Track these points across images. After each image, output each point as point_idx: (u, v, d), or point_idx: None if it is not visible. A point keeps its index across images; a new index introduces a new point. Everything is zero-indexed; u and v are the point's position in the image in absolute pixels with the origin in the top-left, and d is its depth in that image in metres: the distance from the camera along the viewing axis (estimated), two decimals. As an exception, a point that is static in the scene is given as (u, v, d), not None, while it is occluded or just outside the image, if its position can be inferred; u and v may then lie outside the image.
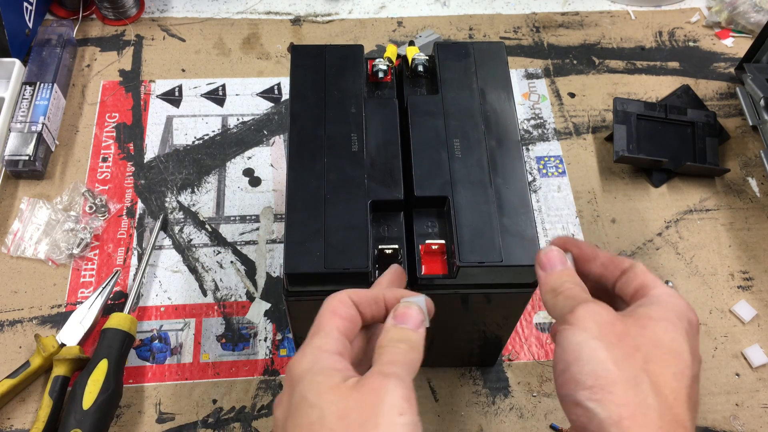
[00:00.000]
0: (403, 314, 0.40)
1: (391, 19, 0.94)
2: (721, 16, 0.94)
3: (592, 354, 0.35)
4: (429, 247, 0.50)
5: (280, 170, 0.80)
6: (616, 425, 0.33)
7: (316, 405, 0.35)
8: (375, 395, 0.35)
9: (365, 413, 0.34)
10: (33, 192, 0.76)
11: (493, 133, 0.55)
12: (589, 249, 0.44)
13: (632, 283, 0.41)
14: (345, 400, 0.35)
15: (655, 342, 0.36)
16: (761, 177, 0.81)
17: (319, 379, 0.36)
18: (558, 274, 0.42)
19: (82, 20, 0.91)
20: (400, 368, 0.37)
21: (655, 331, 0.37)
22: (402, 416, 0.35)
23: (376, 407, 0.34)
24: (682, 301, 0.39)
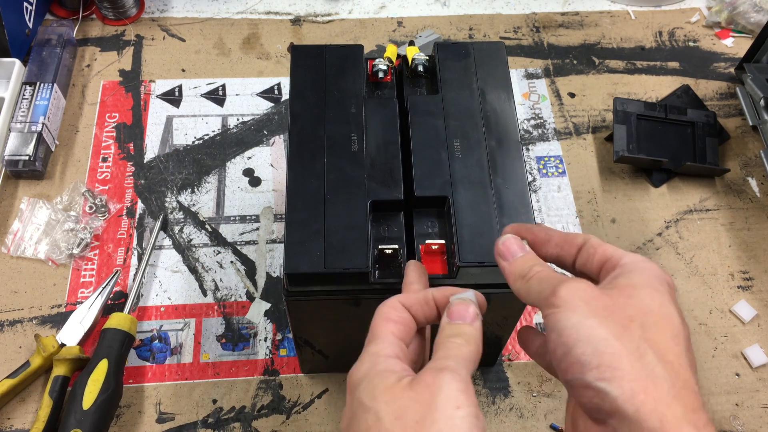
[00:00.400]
0: (456, 311, 0.40)
1: (391, 19, 0.94)
2: (721, 16, 0.94)
3: (591, 333, 0.34)
4: (429, 247, 0.50)
5: (280, 170, 0.80)
6: (630, 401, 0.33)
7: (371, 408, 0.35)
8: (429, 391, 0.35)
9: (421, 410, 0.34)
10: (33, 192, 0.76)
11: (493, 133, 0.55)
12: (542, 232, 0.43)
13: (594, 258, 0.40)
14: (399, 399, 0.35)
15: (646, 310, 0.36)
16: (761, 177, 0.81)
17: (375, 382, 0.36)
18: (521, 260, 0.42)
19: (82, 20, 0.91)
20: (454, 361, 0.37)
21: (642, 299, 0.36)
22: (459, 409, 0.34)
23: (432, 403, 0.34)
24: (656, 266, 0.39)
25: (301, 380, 0.66)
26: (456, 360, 0.37)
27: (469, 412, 0.34)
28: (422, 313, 0.42)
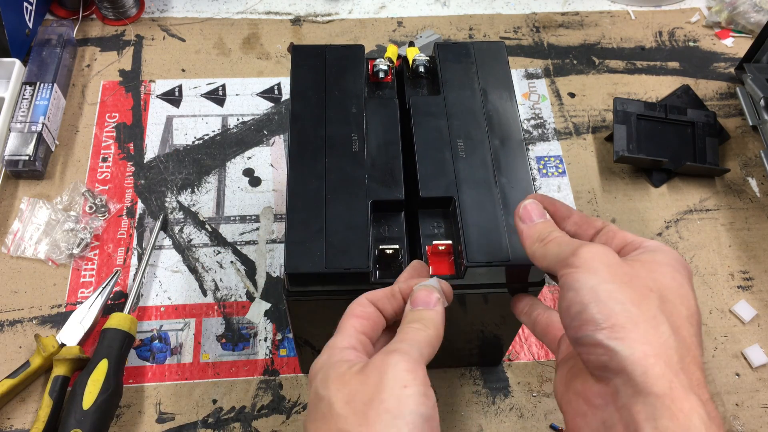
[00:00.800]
0: (418, 297, 0.41)
1: (391, 19, 0.94)
2: (721, 16, 0.94)
3: (610, 295, 0.35)
4: (436, 248, 0.50)
5: (280, 170, 0.80)
6: (639, 362, 0.33)
7: (324, 396, 0.36)
8: (378, 372, 0.35)
9: (369, 392, 0.35)
10: (33, 192, 0.76)
11: (496, 132, 0.55)
12: (564, 208, 0.44)
13: (613, 240, 0.41)
14: (350, 384, 0.35)
15: (665, 286, 0.36)
16: (761, 177, 0.81)
17: (329, 373, 0.37)
18: (541, 225, 0.42)
19: (82, 20, 0.91)
20: (407, 344, 0.37)
21: (663, 275, 0.37)
22: (407, 388, 0.35)
23: (380, 383, 0.35)
24: (677, 253, 0.40)
25: (301, 380, 0.66)
26: (409, 343, 0.38)
27: (416, 391, 0.35)
28: (390, 306, 0.42)
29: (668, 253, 0.39)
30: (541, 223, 0.43)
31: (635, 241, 0.40)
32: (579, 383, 0.37)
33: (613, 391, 0.34)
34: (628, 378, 0.33)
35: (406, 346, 0.37)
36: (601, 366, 0.35)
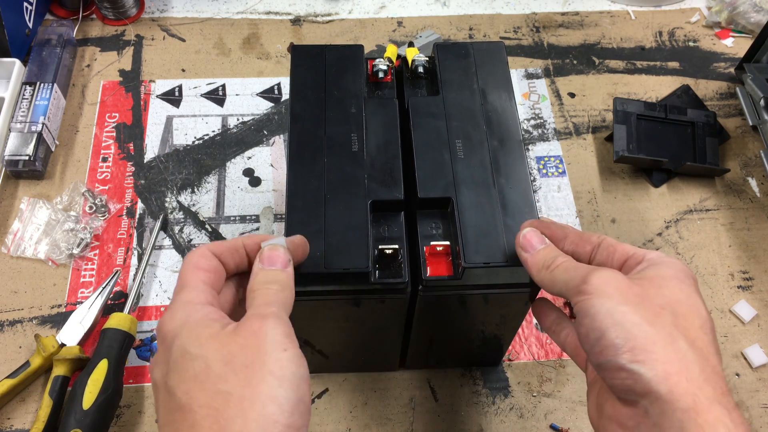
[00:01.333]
0: (268, 257, 0.41)
1: (391, 19, 0.94)
2: (721, 16, 0.94)
3: (625, 318, 0.36)
4: (434, 249, 0.50)
5: (280, 170, 0.80)
6: (664, 382, 0.34)
7: (199, 355, 0.35)
8: (256, 336, 0.36)
9: (250, 354, 0.35)
10: (33, 192, 0.76)
11: (494, 133, 0.55)
12: (558, 229, 0.45)
13: (614, 255, 0.42)
14: (227, 345, 0.35)
15: (675, 300, 0.37)
16: (761, 177, 0.81)
17: (198, 331, 0.36)
18: (543, 251, 0.43)
19: (82, 20, 0.91)
20: (276, 307, 0.38)
21: (671, 289, 0.38)
22: (286, 351, 0.36)
23: (260, 347, 0.35)
24: (680, 262, 0.40)
25: (301, 380, 0.66)
26: (278, 306, 0.38)
27: (294, 353, 0.36)
28: (232, 260, 0.42)
29: (672, 265, 0.39)
30: (543, 250, 0.43)
31: (637, 255, 0.41)
32: (609, 407, 0.38)
33: (643, 412, 0.35)
34: (655, 398, 0.34)
35: (277, 310, 0.38)
36: (626, 389, 0.35)
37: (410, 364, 0.66)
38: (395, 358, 0.64)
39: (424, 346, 0.62)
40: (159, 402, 0.37)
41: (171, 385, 0.35)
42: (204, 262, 0.41)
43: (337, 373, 0.66)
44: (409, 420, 0.64)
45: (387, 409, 0.65)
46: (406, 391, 0.66)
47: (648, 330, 0.35)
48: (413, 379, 0.66)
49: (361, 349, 0.62)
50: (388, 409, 0.65)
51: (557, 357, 0.68)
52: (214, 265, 0.41)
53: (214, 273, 0.41)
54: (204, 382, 0.34)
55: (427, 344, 0.62)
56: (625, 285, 0.37)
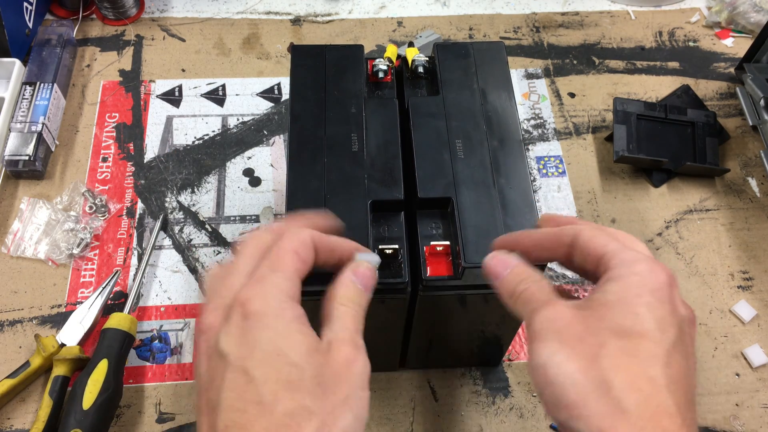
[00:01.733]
0: (364, 274, 0.40)
1: (391, 19, 0.94)
2: (721, 16, 0.94)
3: (559, 370, 0.33)
4: (434, 249, 0.50)
5: (280, 170, 0.80)
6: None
7: (297, 364, 0.34)
8: (348, 368, 0.35)
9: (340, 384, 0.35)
10: (33, 192, 0.76)
11: (494, 133, 0.55)
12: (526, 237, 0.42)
13: (588, 258, 0.38)
14: (322, 365, 0.35)
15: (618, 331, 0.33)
16: (761, 177, 0.81)
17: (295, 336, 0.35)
18: (509, 277, 0.40)
19: (82, 20, 0.91)
20: (362, 339, 0.37)
21: (614, 319, 0.34)
22: (364, 391, 0.35)
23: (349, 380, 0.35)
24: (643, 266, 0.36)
25: (301, 380, 0.66)
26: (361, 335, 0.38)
27: (368, 395, 0.35)
28: (323, 257, 0.41)
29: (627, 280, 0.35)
30: (507, 276, 0.40)
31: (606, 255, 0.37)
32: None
33: None
34: None
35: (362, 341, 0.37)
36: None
37: (410, 364, 0.66)
38: (395, 358, 0.64)
39: (424, 346, 0.62)
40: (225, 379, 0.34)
41: (255, 376, 0.34)
42: (304, 251, 0.39)
43: (337, 373, 0.66)
44: (409, 420, 0.64)
45: (387, 409, 0.65)
46: (406, 391, 0.66)
47: (580, 381, 0.32)
48: (413, 379, 0.66)
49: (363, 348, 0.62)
50: (388, 409, 0.65)
51: (557, 357, 0.68)
52: (311, 257, 0.39)
53: (306, 266, 0.39)
54: (294, 392, 0.33)
55: (427, 344, 0.62)
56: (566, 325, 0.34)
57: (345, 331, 0.37)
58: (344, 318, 0.38)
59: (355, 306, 0.39)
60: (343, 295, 0.39)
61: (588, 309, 0.35)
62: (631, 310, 0.34)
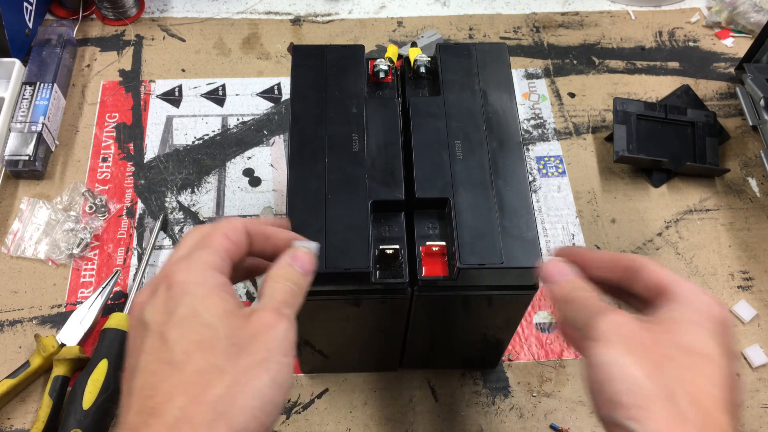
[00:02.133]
0: (302, 258, 0.42)
1: (391, 19, 0.94)
2: (721, 16, 0.94)
3: (624, 371, 0.34)
4: (429, 249, 0.50)
5: (280, 170, 0.80)
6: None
7: (210, 324, 0.35)
8: (268, 331, 0.36)
9: (257, 346, 0.35)
10: (33, 192, 0.76)
11: (494, 134, 0.55)
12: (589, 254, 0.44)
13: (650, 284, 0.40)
14: (239, 327, 0.36)
15: (685, 348, 0.35)
16: (761, 177, 0.81)
17: (214, 300, 0.36)
18: (565, 283, 0.42)
19: (82, 20, 0.91)
20: (290, 310, 0.38)
21: (682, 336, 0.36)
22: (287, 357, 0.36)
23: (268, 343, 0.35)
24: (706, 298, 0.38)
25: (301, 380, 0.66)
26: (291, 309, 0.38)
27: (292, 362, 0.36)
28: (259, 245, 0.42)
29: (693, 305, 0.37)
30: (565, 281, 0.42)
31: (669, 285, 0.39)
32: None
33: None
34: None
35: (290, 313, 0.38)
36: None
37: (410, 364, 0.66)
38: (395, 358, 0.64)
39: (422, 346, 0.62)
40: (144, 344, 0.36)
41: (170, 338, 0.35)
42: (235, 234, 0.40)
43: (337, 373, 0.66)
44: (409, 420, 0.64)
45: (387, 409, 0.65)
46: (406, 391, 0.66)
47: (647, 385, 0.34)
48: (413, 379, 0.66)
49: (362, 349, 0.62)
50: (388, 409, 0.65)
51: (557, 357, 0.68)
52: (243, 241, 0.41)
53: (238, 248, 0.40)
54: (206, 351, 0.34)
55: (424, 344, 0.62)
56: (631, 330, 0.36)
57: (271, 301, 0.38)
58: (274, 292, 0.39)
59: (288, 283, 0.40)
60: (276, 273, 0.40)
61: (655, 323, 0.37)
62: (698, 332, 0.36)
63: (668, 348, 0.35)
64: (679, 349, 0.35)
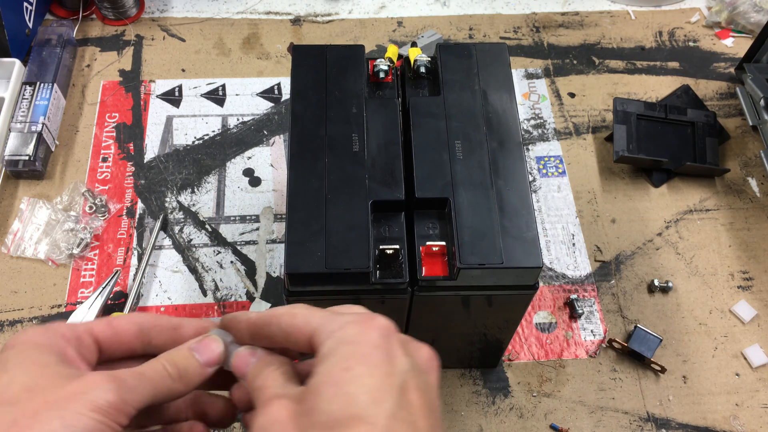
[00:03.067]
0: (209, 347, 0.34)
1: (391, 19, 0.94)
2: (721, 16, 0.94)
3: None
4: (429, 249, 0.50)
5: (280, 170, 0.80)
6: None
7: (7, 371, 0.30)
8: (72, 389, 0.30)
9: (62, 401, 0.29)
10: (33, 192, 0.76)
11: (494, 134, 0.55)
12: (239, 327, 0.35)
13: (299, 342, 0.33)
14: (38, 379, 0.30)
15: (328, 423, 0.29)
16: (761, 177, 0.81)
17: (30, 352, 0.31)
18: (251, 372, 0.34)
19: (82, 20, 0.91)
20: (138, 396, 0.31)
21: (323, 409, 0.29)
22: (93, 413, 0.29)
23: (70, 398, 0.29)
24: (352, 329, 0.31)
25: (301, 380, 0.66)
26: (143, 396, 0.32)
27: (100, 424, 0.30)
28: (162, 338, 0.35)
29: (339, 353, 0.30)
30: (249, 374, 0.34)
31: (316, 333, 0.32)
32: None
33: None
34: None
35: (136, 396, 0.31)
36: None
37: (410, 364, 0.65)
38: (395, 358, 0.64)
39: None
40: None
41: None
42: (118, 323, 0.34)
43: (338, 373, 0.66)
44: (410, 420, 0.64)
45: (387, 409, 0.64)
46: (407, 391, 0.66)
47: None
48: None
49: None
50: (388, 409, 0.64)
51: (557, 357, 0.68)
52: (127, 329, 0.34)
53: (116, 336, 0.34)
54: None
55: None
56: (281, 421, 0.30)
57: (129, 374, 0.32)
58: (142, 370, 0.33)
59: (159, 361, 0.33)
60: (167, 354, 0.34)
61: (302, 402, 0.30)
62: (340, 391, 0.29)
63: (318, 416, 0.29)
64: (325, 413, 0.29)
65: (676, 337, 0.70)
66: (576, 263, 0.74)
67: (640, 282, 0.73)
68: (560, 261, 0.74)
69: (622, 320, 0.71)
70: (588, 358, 0.68)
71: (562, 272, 0.73)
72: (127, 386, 0.31)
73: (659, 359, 0.68)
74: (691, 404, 0.66)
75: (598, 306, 0.71)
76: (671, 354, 0.69)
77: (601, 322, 0.70)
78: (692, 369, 0.68)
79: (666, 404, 0.66)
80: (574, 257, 0.74)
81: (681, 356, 0.69)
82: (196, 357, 0.34)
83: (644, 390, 0.67)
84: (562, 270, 0.74)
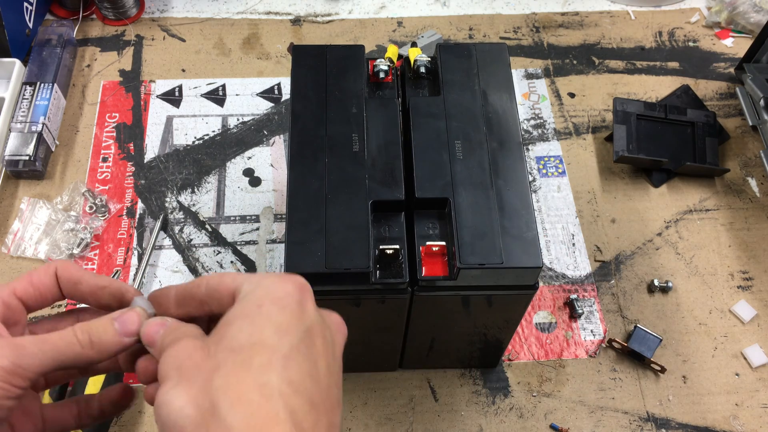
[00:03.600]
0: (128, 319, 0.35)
1: (391, 19, 0.94)
2: (721, 16, 0.94)
3: (171, 408, 0.30)
4: (429, 249, 0.50)
5: (280, 170, 0.80)
6: None
7: None
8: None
9: None
10: (33, 192, 0.76)
11: (494, 134, 0.55)
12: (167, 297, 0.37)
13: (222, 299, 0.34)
14: None
15: (234, 347, 0.31)
16: (761, 177, 0.81)
17: None
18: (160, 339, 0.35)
19: (82, 20, 0.91)
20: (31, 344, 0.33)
21: (231, 335, 0.31)
22: None
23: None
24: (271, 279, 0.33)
25: (301, 380, 0.66)
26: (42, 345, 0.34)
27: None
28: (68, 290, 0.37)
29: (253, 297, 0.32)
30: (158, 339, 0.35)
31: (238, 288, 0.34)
32: None
33: None
34: None
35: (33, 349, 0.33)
36: None
37: (410, 364, 0.66)
38: (395, 358, 0.64)
39: (421, 346, 0.62)
40: None
41: None
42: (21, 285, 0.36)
43: (338, 373, 0.66)
44: (409, 420, 0.64)
45: (387, 409, 0.65)
46: (406, 391, 0.66)
47: (191, 414, 0.30)
48: (413, 379, 0.66)
49: (361, 349, 0.62)
50: (387, 409, 0.65)
51: (557, 357, 0.68)
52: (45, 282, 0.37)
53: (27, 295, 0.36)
54: None
55: (424, 344, 0.62)
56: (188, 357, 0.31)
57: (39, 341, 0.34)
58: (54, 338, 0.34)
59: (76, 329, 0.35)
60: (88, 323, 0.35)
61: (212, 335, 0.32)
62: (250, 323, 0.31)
63: (218, 357, 0.31)
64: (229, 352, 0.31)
65: (675, 337, 0.70)
66: (576, 263, 0.74)
67: (639, 282, 0.73)
68: (560, 261, 0.74)
69: (621, 320, 0.71)
70: (588, 358, 0.68)
71: (562, 272, 0.73)
72: (25, 352, 0.33)
73: (659, 359, 0.68)
74: (691, 404, 0.66)
75: (598, 306, 0.71)
76: (671, 354, 0.69)
77: (601, 322, 0.70)
78: (692, 369, 0.68)
79: (666, 404, 0.66)
80: (573, 257, 0.74)
81: (681, 356, 0.69)
82: (115, 326, 0.35)
83: (644, 390, 0.67)
84: (562, 270, 0.74)
